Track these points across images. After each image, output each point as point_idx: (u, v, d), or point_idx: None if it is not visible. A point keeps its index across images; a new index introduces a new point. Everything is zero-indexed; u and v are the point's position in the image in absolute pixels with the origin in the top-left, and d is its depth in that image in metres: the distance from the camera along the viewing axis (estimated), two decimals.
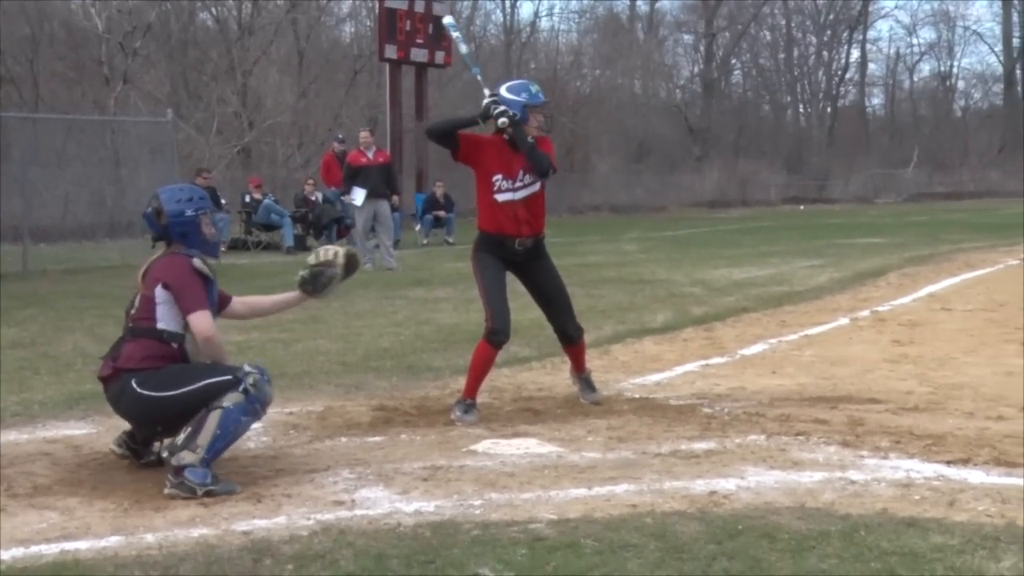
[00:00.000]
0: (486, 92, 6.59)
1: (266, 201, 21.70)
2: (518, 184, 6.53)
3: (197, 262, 5.21)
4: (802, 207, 45.81)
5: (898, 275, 15.18)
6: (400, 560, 4.05)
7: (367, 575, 3.94)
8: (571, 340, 6.87)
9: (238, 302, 5.77)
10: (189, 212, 5.28)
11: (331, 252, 5.83)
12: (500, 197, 6.54)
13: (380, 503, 4.75)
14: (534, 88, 6.65)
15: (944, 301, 12.25)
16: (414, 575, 3.93)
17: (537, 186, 6.59)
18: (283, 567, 3.99)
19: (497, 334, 6.47)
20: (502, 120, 6.43)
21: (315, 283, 5.75)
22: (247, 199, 21.85)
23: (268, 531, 4.38)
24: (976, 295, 12.79)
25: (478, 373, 6.54)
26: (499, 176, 6.52)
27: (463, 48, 7.36)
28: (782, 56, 62.21)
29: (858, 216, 35.85)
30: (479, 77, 6.97)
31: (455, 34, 7.48)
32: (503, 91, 6.57)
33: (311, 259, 5.81)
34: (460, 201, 24.38)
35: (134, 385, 5.07)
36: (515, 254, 6.61)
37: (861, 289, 13.57)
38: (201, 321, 5.11)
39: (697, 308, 11.63)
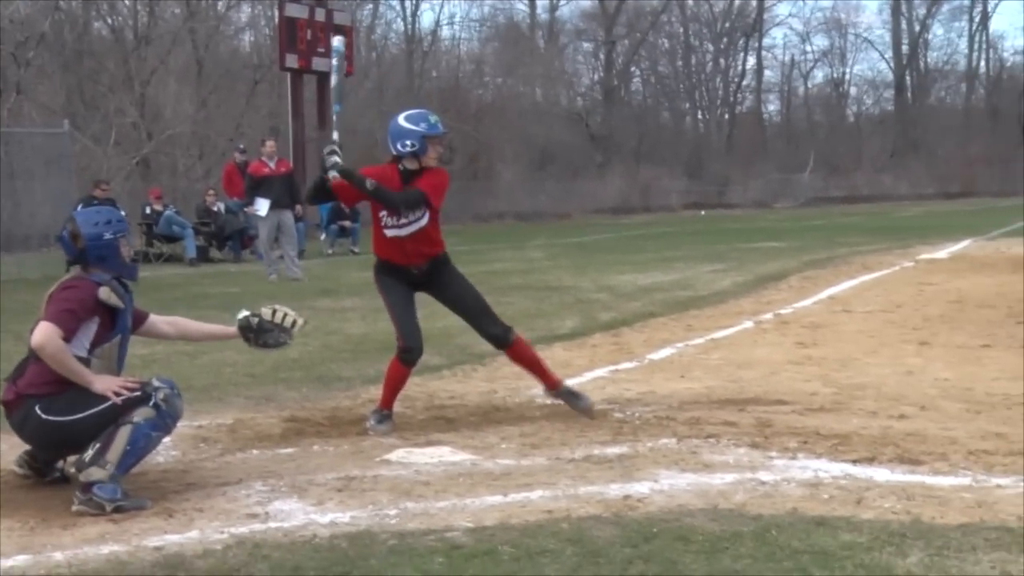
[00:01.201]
0: (335, 136, 6.45)
1: (167, 212, 21.38)
2: (403, 221, 6.45)
3: (104, 293, 5.06)
4: (703, 212, 46.34)
5: (799, 278, 15.47)
6: (317, 572, 4.02)
7: None
8: (501, 341, 6.70)
9: (161, 321, 5.66)
10: (108, 235, 5.18)
11: (290, 319, 5.74)
12: (388, 232, 6.53)
13: (295, 515, 4.71)
14: (433, 118, 6.55)
15: (844, 303, 12.52)
16: None
17: (425, 220, 6.47)
18: None
19: (410, 352, 6.47)
20: (332, 174, 6.30)
21: (260, 338, 5.70)
22: (148, 211, 21.50)
23: (181, 546, 4.31)
24: (874, 297, 13.09)
25: (393, 387, 6.54)
26: (383, 213, 6.48)
27: (334, 79, 6.99)
28: (680, 63, 62.89)
29: (758, 221, 36.42)
30: (334, 116, 6.74)
31: (334, 62, 7.11)
32: (401, 120, 6.50)
33: (267, 313, 5.72)
34: (365, 211, 24.19)
35: (38, 411, 4.95)
36: (413, 276, 6.60)
37: (763, 292, 13.80)
38: (41, 332, 4.90)
39: (604, 314, 11.72)
